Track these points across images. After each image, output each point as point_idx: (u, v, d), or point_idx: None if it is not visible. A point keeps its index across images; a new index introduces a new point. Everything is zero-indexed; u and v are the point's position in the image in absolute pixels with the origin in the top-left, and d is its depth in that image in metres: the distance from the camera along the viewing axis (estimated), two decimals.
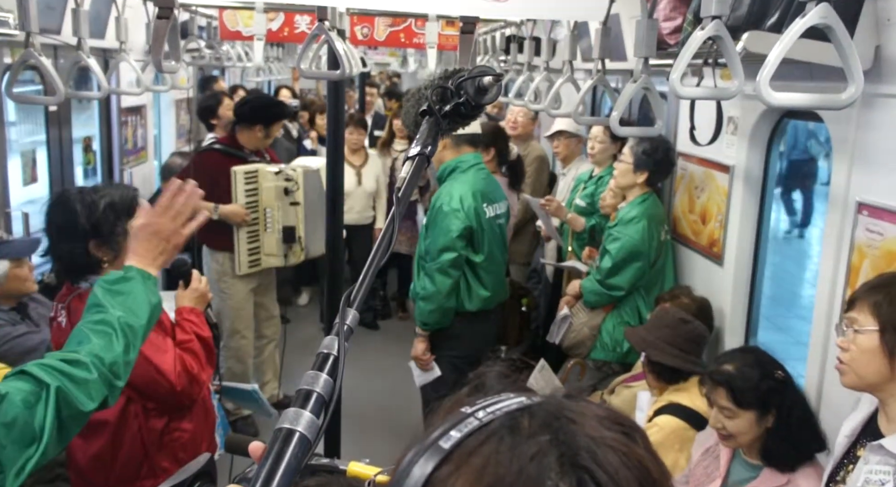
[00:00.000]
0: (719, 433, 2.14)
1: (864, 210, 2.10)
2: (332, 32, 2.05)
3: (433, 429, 0.59)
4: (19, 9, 2.12)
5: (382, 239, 0.92)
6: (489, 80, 1.00)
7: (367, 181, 5.61)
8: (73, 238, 2.10)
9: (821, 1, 1.25)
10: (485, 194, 3.36)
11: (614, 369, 3.46)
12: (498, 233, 3.46)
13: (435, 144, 1.02)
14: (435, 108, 1.01)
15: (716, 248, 3.15)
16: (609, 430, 0.58)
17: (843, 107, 1.42)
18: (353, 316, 0.83)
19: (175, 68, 2.59)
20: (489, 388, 0.67)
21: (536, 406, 0.60)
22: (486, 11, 1.55)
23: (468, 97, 1.01)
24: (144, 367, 2.09)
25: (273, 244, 4.16)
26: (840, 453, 1.78)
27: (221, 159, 4.12)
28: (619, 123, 2.30)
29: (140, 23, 3.53)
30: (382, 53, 7.48)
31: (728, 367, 2.12)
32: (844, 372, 1.69)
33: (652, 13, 2.05)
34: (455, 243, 3.25)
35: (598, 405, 0.63)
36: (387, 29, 4.48)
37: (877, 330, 1.61)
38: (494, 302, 3.48)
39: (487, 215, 3.36)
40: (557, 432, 0.57)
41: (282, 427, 0.70)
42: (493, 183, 3.51)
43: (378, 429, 4.16)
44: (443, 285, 3.27)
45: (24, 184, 3.82)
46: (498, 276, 3.50)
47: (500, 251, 3.49)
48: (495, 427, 0.58)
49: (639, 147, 3.39)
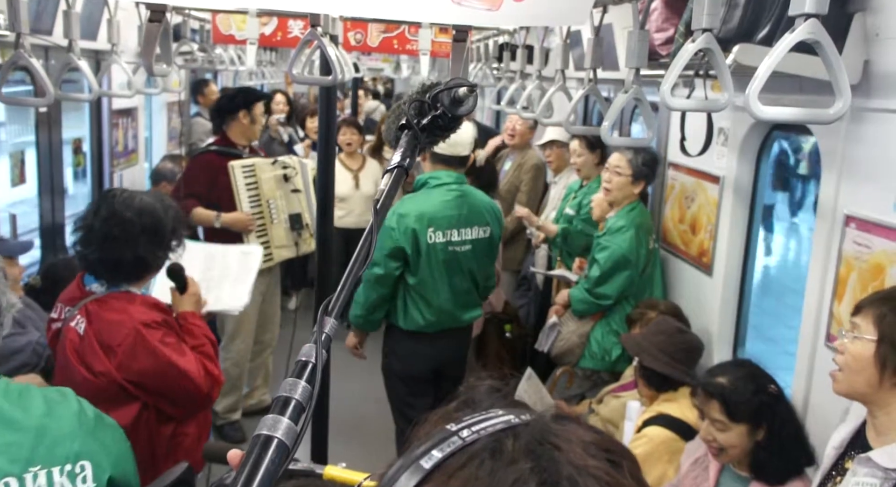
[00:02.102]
0: (710, 446, 2.15)
1: (852, 222, 2.12)
2: (325, 38, 2.05)
3: (417, 444, 0.59)
4: (9, 9, 2.11)
5: (360, 249, 0.92)
6: (464, 92, 1.00)
7: (364, 185, 5.59)
8: (147, 243, 2.12)
9: (809, 16, 1.26)
10: (435, 218, 3.14)
11: (603, 378, 3.46)
12: (451, 260, 3.21)
13: (413, 157, 1.02)
14: (413, 122, 1.02)
15: (705, 258, 3.16)
16: (594, 458, 0.57)
17: (830, 121, 1.43)
18: (332, 324, 0.83)
19: (166, 71, 2.58)
20: (478, 403, 0.66)
21: (522, 428, 0.59)
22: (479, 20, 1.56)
23: (444, 109, 1.01)
24: (173, 374, 2.11)
25: (282, 235, 4.12)
26: (828, 465, 1.78)
27: (217, 159, 4.10)
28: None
29: (132, 25, 3.51)
30: (376, 59, 7.49)
31: (722, 380, 2.12)
32: (837, 378, 1.70)
33: (644, 25, 2.06)
34: (383, 260, 3.15)
35: (588, 428, 0.61)
36: (380, 35, 4.48)
37: (874, 339, 1.61)
38: (436, 328, 3.27)
39: (432, 240, 3.14)
40: (540, 458, 0.56)
41: (260, 433, 0.69)
42: (461, 206, 3.21)
43: (361, 432, 4.15)
44: (368, 297, 3.22)
45: (12, 185, 3.80)
46: (440, 305, 3.23)
47: (447, 280, 3.22)
48: (477, 449, 0.57)
49: (637, 158, 3.41)
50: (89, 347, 2.06)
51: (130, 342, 2.05)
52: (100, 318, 2.08)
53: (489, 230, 3.31)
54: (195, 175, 4.07)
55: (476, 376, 0.73)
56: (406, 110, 1.03)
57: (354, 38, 4.49)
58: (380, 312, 3.27)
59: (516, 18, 1.55)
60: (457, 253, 3.22)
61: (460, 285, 3.28)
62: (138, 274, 2.18)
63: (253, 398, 4.54)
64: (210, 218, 3.97)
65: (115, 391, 2.06)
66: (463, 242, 3.22)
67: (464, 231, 3.22)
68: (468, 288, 3.33)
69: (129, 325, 2.06)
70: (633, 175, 3.42)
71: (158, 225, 2.16)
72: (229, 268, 2.90)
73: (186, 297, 2.38)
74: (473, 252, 3.27)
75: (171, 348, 2.13)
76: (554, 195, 4.59)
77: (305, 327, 6.19)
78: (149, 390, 2.10)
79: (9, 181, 3.75)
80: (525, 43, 3.57)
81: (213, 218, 3.96)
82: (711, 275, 3.10)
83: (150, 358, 2.07)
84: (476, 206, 3.28)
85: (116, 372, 2.05)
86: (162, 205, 2.21)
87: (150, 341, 2.07)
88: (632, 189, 3.44)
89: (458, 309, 3.33)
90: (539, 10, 1.54)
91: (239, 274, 2.83)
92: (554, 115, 3.20)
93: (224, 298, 2.73)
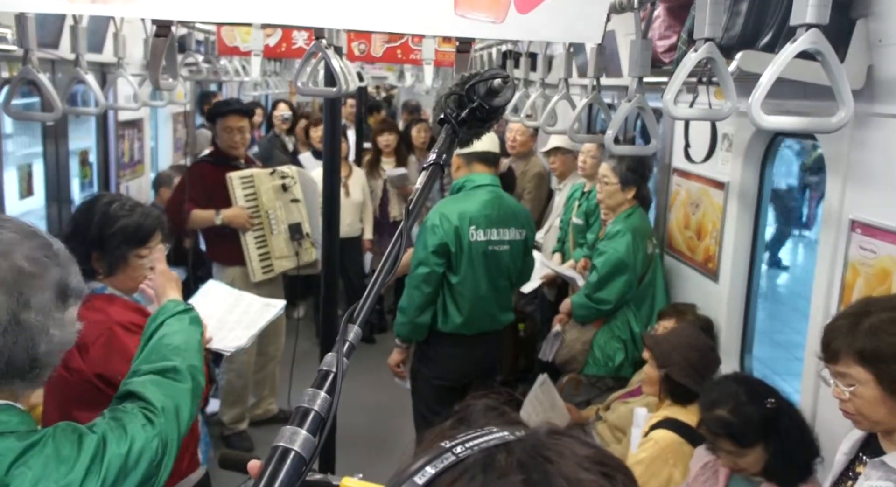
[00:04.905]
0: (728, 467, 2.16)
1: (858, 228, 2.11)
2: (329, 50, 2.07)
3: (412, 461, 0.59)
4: (18, 25, 2.13)
5: (389, 255, 0.90)
6: (499, 83, 0.99)
7: (354, 192, 5.60)
8: (79, 241, 2.12)
9: (811, 26, 1.26)
10: (476, 217, 3.21)
11: (608, 384, 3.46)
12: (490, 259, 3.25)
13: (450, 153, 1.01)
14: (451, 116, 1.01)
15: (711, 264, 3.16)
16: (587, 472, 0.56)
17: (833, 130, 1.43)
18: (356, 332, 0.82)
19: (173, 85, 2.60)
20: (473, 421, 0.66)
21: (515, 443, 0.59)
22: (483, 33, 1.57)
23: (480, 101, 1.00)
24: None
25: (282, 245, 4.13)
26: (839, 470, 1.77)
27: (213, 169, 4.11)
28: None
29: (138, 37, 3.55)
30: (379, 67, 7.51)
31: (722, 413, 2.11)
32: (858, 421, 1.64)
33: (646, 33, 2.07)
34: (429, 258, 3.19)
35: (583, 442, 0.60)
36: (383, 45, 4.50)
37: (872, 379, 1.56)
38: (473, 329, 3.30)
39: (474, 238, 3.21)
40: (532, 471, 0.55)
41: (278, 445, 0.70)
42: (499, 206, 3.28)
43: (373, 444, 4.14)
44: (414, 299, 3.23)
45: (20, 197, 3.82)
46: (479, 303, 3.27)
47: (487, 278, 3.27)
48: (469, 464, 0.57)
49: (621, 165, 3.43)
50: None
51: (103, 341, 2.07)
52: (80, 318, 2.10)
53: (524, 233, 3.37)
54: (192, 184, 4.05)
55: (472, 395, 0.73)
56: (444, 104, 1.02)
57: (358, 49, 4.51)
58: (426, 315, 3.26)
59: (521, 32, 1.56)
60: (496, 252, 3.27)
61: (499, 285, 3.33)
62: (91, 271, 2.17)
63: (260, 408, 4.54)
64: (210, 216, 3.97)
65: (89, 389, 2.07)
66: (501, 242, 3.28)
67: (502, 231, 3.28)
68: (505, 287, 3.38)
69: (104, 324, 2.09)
70: (620, 182, 3.45)
71: (79, 224, 2.18)
72: (247, 315, 2.93)
73: None
74: (511, 253, 3.32)
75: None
76: (559, 202, 4.59)
77: (309, 336, 6.20)
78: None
79: (17, 193, 3.77)
80: (528, 51, 3.58)
81: (212, 216, 3.96)
82: (717, 281, 3.09)
83: (121, 358, 2.05)
84: (512, 209, 3.37)
85: (88, 370, 2.06)
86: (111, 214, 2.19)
87: (124, 341, 2.09)
88: (623, 196, 3.47)
89: (497, 309, 3.36)
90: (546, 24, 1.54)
91: (252, 321, 2.87)
92: (558, 124, 3.21)
93: (227, 338, 2.75)
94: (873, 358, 1.55)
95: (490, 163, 3.36)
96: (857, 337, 1.57)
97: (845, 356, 1.59)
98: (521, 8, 1.53)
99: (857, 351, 1.56)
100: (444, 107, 1.02)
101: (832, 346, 1.62)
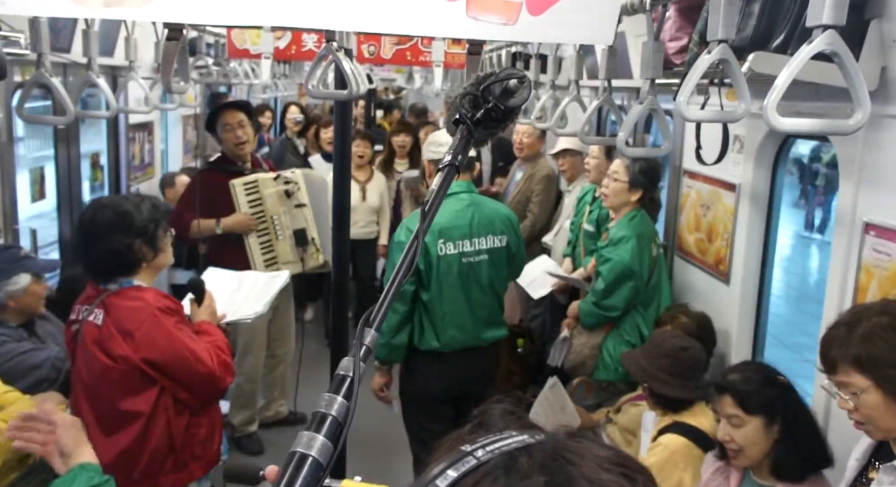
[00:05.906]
0: (728, 448, 2.14)
1: (872, 230, 2.10)
2: (340, 53, 2.06)
3: (433, 467, 0.59)
4: (31, 30, 2.15)
5: (405, 258, 0.89)
6: (515, 83, 0.99)
7: (371, 196, 5.63)
8: (121, 236, 2.26)
9: (827, 27, 1.25)
10: (446, 229, 3.01)
11: (619, 388, 3.44)
12: (466, 272, 3.07)
13: (465, 153, 1.01)
14: (466, 116, 1.00)
15: (722, 266, 3.15)
16: (608, 473, 0.57)
17: (849, 132, 1.42)
18: (373, 336, 0.82)
19: (184, 89, 2.61)
20: (492, 426, 0.67)
21: (536, 446, 0.59)
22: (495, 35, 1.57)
23: (495, 101, 1.00)
24: (187, 357, 2.25)
25: (287, 251, 4.09)
26: (852, 476, 1.76)
27: (218, 176, 4.03)
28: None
29: (149, 40, 3.56)
30: (388, 69, 7.52)
31: (732, 376, 2.16)
32: (869, 430, 1.64)
33: (658, 35, 2.06)
34: None
35: (602, 444, 0.61)
36: (393, 47, 4.51)
37: (872, 385, 1.55)
38: (452, 347, 3.11)
39: (443, 252, 3.02)
40: (554, 473, 0.56)
41: (295, 450, 0.69)
42: (474, 215, 3.09)
43: (377, 447, 4.12)
44: (389, 319, 3.04)
45: (32, 200, 3.85)
46: (454, 319, 3.09)
47: (463, 292, 3.08)
48: (491, 466, 0.58)
49: (635, 165, 3.40)
50: (108, 334, 2.20)
51: (148, 325, 2.20)
52: (117, 308, 2.23)
53: (505, 239, 3.17)
54: (194, 192, 3.97)
55: (489, 399, 0.73)
56: (459, 104, 1.02)
57: (368, 50, 4.51)
58: (403, 334, 3.11)
59: (533, 34, 1.56)
60: (472, 263, 3.09)
61: (479, 299, 3.14)
62: (123, 267, 2.30)
63: (270, 410, 4.55)
64: (211, 226, 3.91)
65: (135, 375, 2.20)
66: (478, 252, 3.09)
67: (477, 241, 3.09)
68: (488, 302, 3.18)
69: (146, 310, 2.22)
70: (629, 181, 3.40)
71: (125, 217, 2.29)
72: (254, 289, 2.98)
73: (203, 309, 2.52)
74: (490, 262, 3.13)
75: (185, 334, 2.28)
76: (568, 204, 4.58)
77: (317, 338, 6.20)
78: (165, 372, 2.24)
79: (29, 196, 3.79)
80: (538, 52, 3.57)
81: (213, 225, 3.91)
82: (728, 284, 3.08)
83: (165, 339, 2.22)
84: (489, 215, 3.15)
85: (135, 355, 2.19)
86: (133, 202, 2.35)
87: (166, 324, 2.23)
88: (628, 196, 3.42)
89: (479, 327, 3.16)
90: (558, 26, 1.54)
91: (262, 293, 2.91)
92: (568, 125, 3.20)
93: (243, 309, 2.79)
94: (870, 364, 1.55)
95: (464, 169, 3.16)
96: (852, 344, 1.57)
97: (843, 365, 1.59)
98: (533, 10, 1.53)
99: (854, 358, 1.56)
100: (459, 108, 1.02)
101: (829, 356, 1.62)
